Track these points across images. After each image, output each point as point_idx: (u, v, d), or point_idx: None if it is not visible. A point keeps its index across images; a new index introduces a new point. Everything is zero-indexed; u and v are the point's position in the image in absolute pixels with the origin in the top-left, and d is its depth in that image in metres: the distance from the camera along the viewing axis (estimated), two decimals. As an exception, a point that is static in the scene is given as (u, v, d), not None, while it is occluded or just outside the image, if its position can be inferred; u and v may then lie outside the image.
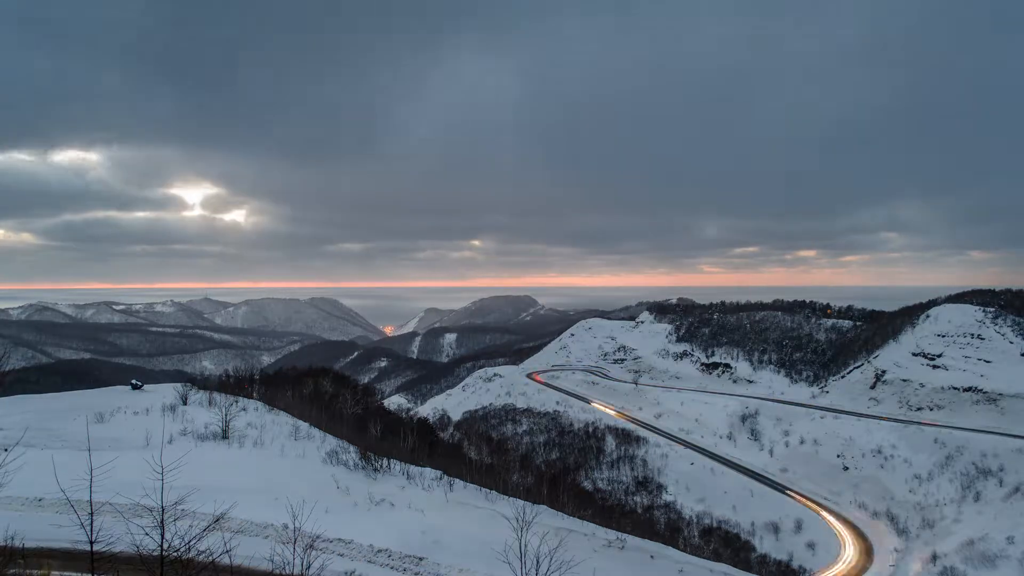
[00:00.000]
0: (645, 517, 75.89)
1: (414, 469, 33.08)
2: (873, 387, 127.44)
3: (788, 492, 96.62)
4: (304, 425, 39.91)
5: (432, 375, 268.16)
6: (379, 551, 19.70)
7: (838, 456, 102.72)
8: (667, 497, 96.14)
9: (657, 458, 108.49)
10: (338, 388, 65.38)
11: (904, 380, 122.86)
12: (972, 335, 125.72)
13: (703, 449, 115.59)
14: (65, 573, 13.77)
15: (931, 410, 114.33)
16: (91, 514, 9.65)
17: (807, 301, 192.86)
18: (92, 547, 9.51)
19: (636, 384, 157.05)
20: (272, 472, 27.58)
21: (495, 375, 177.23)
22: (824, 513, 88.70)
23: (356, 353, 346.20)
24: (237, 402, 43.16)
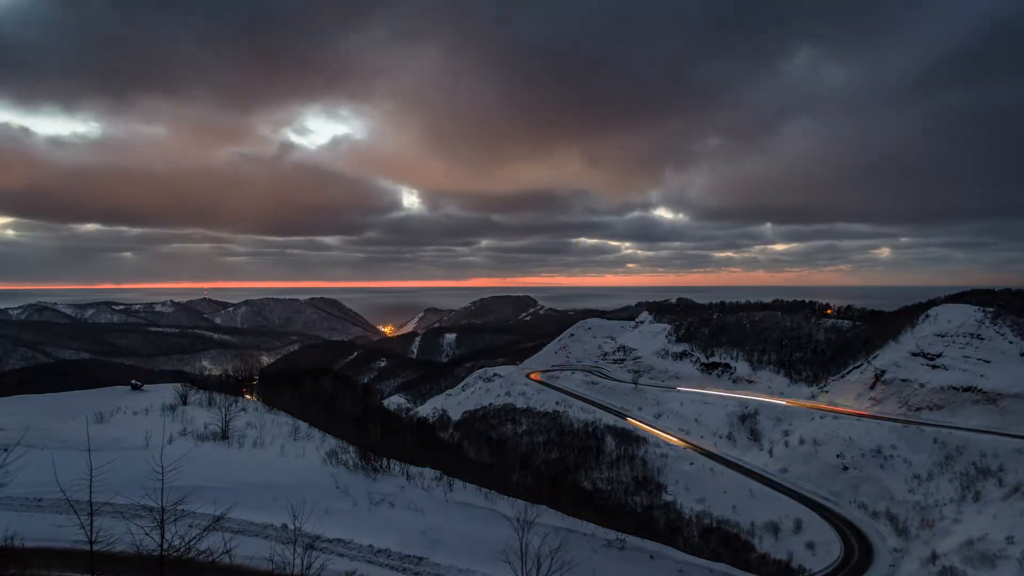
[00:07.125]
0: (645, 517, 75.89)
1: (414, 469, 33.04)
2: (873, 387, 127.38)
3: (788, 492, 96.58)
4: (304, 425, 39.96)
5: (432, 375, 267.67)
6: (379, 551, 19.72)
7: (838, 456, 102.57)
8: (667, 497, 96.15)
9: (657, 458, 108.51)
10: (338, 388, 65.56)
11: (904, 380, 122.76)
12: (971, 335, 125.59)
13: (703, 449, 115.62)
14: (65, 573, 13.76)
15: (931, 410, 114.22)
16: (91, 514, 9.67)
17: (807, 301, 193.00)
18: (92, 547, 9.53)
19: (636, 384, 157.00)
20: (272, 472, 27.57)
21: (495, 375, 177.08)
22: (824, 513, 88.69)
23: (356, 353, 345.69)
24: (237, 402, 43.25)
